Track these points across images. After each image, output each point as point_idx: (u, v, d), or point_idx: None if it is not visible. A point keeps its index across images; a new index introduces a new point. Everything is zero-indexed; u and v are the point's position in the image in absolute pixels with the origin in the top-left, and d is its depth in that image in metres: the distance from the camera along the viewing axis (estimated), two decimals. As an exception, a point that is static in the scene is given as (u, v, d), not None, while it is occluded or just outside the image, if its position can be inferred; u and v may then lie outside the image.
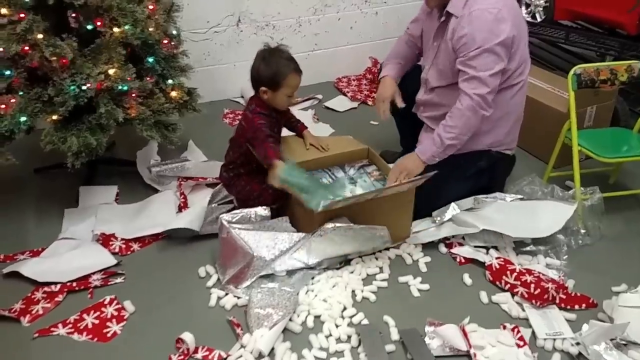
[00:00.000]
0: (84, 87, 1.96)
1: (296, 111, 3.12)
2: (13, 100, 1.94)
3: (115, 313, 1.77)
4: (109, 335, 1.70)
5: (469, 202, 2.14)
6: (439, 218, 2.11)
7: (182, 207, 2.26)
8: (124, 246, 2.05)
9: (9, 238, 2.11)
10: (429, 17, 2.14)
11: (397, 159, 2.13)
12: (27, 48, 1.90)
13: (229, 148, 2.14)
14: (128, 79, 2.03)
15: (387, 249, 2.03)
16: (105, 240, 2.05)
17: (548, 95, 2.60)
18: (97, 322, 1.73)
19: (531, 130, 2.63)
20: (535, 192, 2.22)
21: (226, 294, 1.84)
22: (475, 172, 2.14)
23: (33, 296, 1.83)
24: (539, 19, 3.15)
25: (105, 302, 1.80)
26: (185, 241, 2.08)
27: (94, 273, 1.92)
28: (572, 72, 2.14)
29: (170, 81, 2.25)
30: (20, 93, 1.98)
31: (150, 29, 2.15)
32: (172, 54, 2.27)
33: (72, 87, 1.95)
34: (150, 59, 2.22)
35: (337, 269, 1.94)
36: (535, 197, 2.20)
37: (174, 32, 2.34)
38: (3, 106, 1.93)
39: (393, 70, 2.27)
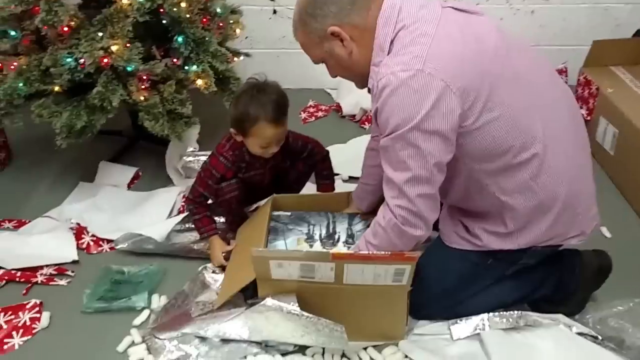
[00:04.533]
0: (80, 61, 1.75)
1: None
2: (15, 63, 1.82)
3: (28, 323, 1.56)
4: (5, 347, 1.51)
5: (512, 317, 1.47)
6: (456, 329, 1.48)
7: (181, 211, 1.97)
8: (93, 244, 1.84)
9: (8, 202, 2.04)
10: None
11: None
12: (37, 8, 1.74)
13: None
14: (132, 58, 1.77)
15: (365, 348, 1.49)
16: (78, 232, 1.87)
17: None
18: (5, 327, 1.55)
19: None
20: (624, 331, 1.45)
21: (143, 341, 1.52)
22: (520, 270, 1.46)
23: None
24: None
25: (28, 306, 1.60)
26: (157, 254, 1.79)
27: (47, 266, 1.75)
28: None
29: (194, 67, 1.93)
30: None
31: (182, 5, 1.86)
32: (203, 36, 1.93)
33: (68, 60, 1.76)
34: (180, 39, 1.91)
35: (283, 354, 1.47)
36: (621, 340, 1.43)
37: (218, 10, 2.00)
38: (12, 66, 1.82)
39: (356, 195, 1.68)
